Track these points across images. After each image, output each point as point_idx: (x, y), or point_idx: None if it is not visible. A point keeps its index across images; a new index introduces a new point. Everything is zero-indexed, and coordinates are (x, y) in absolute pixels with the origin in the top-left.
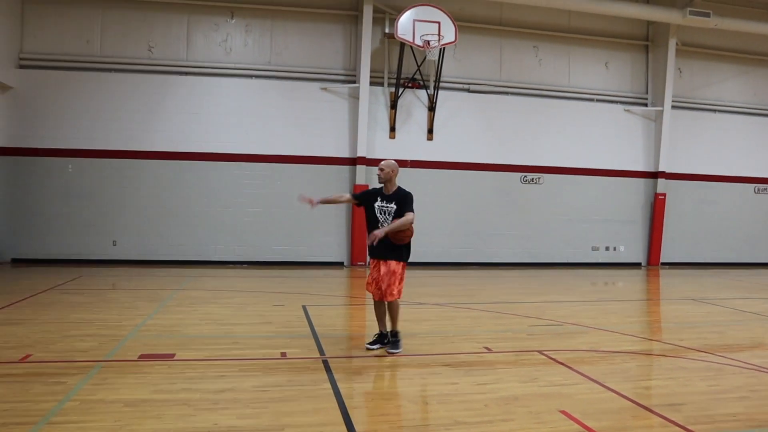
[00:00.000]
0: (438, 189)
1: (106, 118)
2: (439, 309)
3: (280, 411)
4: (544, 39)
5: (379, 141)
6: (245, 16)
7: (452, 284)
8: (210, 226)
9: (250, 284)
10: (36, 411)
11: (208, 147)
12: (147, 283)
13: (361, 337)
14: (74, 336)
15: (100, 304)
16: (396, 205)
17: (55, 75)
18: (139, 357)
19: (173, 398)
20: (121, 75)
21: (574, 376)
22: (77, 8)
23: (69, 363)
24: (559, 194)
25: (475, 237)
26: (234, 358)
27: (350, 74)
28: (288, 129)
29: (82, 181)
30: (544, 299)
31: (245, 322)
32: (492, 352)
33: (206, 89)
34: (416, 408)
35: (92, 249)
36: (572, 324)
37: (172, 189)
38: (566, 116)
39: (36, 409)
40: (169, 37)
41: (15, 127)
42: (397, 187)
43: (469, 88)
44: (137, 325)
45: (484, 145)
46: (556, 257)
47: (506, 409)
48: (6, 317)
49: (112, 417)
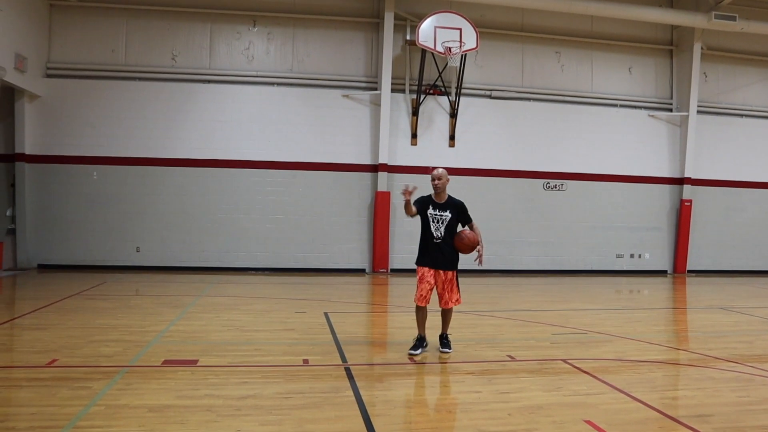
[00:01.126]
0: (460, 196)
1: (130, 125)
2: (462, 316)
3: (303, 418)
4: (566, 44)
5: (401, 148)
6: (267, 24)
7: (475, 291)
8: (232, 233)
9: (271, 291)
10: (62, 415)
11: (230, 154)
12: (170, 289)
13: (383, 344)
14: (99, 341)
15: (124, 309)
16: (451, 214)
17: (81, 84)
18: (163, 363)
19: (196, 404)
20: (145, 83)
21: (598, 386)
22: (103, 18)
23: (94, 368)
24: (583, 201)
25: (497, 244)
26: (256, 364)
27: (372, 81)
28: (310, 136)
29: (106, 188)
30: (568, 307)
31: (267, 329)
32: (515, 360)
33: (229, 97)
34: (439, 416)
35: (116, 255)
36: (597, 332)
37: (195, 196)
38: (589, 122)
39: (62, 413)
40: (192, 45)
41: (42, 135)
42: (448, 195)
43: (491, 94)
44: (161, 331)
45: (507, 152)
46: (580, 264)
47: (530, 418)
48: (32, 322)
49: (136, 422)
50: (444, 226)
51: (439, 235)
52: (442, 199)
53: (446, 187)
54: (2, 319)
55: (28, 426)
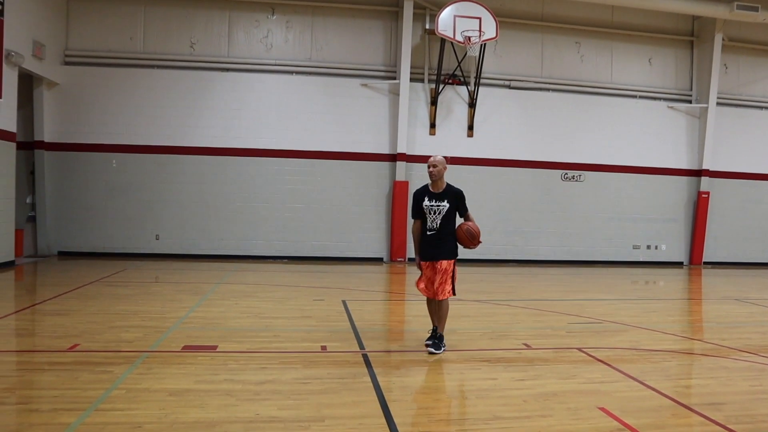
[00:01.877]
0: (478, 186)
1: (149, 113)
2: (479, 305)
3: (321, 403)
4: (586, 35)
5: (420, 137)
6: (286, 13)
7: (492, 281)
8: (251, 222)
9: (290, 279)
10: (84, 398)
11: (249, 143)
12: (189, 276)
13: (400, 332)
14: (120, 327)
15: (144, 296)
16: (449, 203)
17: (99, 71)
18: (183, 348)
19: (216, 388)
20: (164, 71)
21: (613, 374)
22: (121, 5)
23: (115, 353)
24: (600, 192)
25: (515, 234)
26: (275, 350)
27: (390, 70)
28: (328, 125)
29: (125, 176)
30: (584, 297)
31: (286, 316)
32: (531, 348)
33: (247, 85)
34: (455, 402)
35: (136, 243)
36: (612, 322)
37: (213, 184)
38: (608, 113)
39: (84, 396)
40: (211, 33)
41: (61, 122)
42: (446, 184)
43: (510, 84)
44: (180, 317)
45: (525, 142)
46: (596, 255)
47: (544, 405)
48: (54, 308)
49: (157, 405)
50: (441, 217)
51: (435, 226)
52: (438, 188)
53: (443, 175)
54: (24, 304)
55: (51, 408)
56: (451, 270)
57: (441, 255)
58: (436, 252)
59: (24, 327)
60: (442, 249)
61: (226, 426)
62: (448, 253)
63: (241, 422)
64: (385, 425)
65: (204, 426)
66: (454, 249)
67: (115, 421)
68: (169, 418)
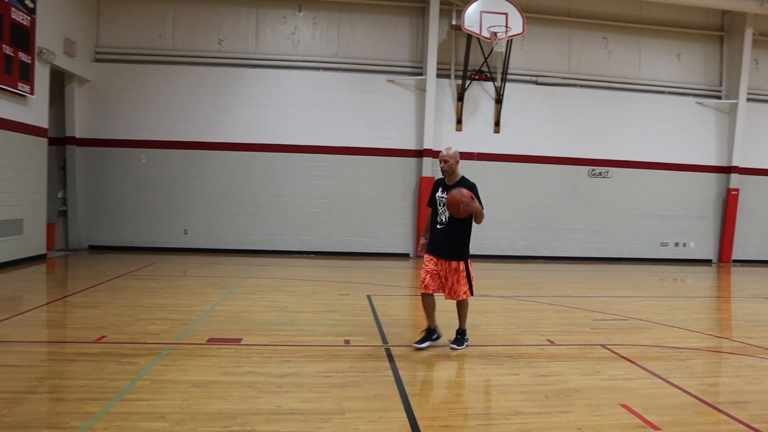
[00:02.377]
0: (505, 182)
1: (177, 109)
2: (504, 301)
3: (342, 396)
4: (613, 30)
5: (446, 133)
6: (313, 9)
7: (518, 277)
8: (277, 217)
9: (316, 273)
10: (110, 388)
11: (276, 138)
12: (216, 270)
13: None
14: (146, 319)
15: (171, 290)
16: None
17: (129, 68)
18: (207, 341)
19: (239, 381)
20: (192, 68)
21: (636, 371)
22: (150, 3)
23: (141, 345)
24: (628, 188)
25: (542, 231)
26: (298, 344)
27: (417, 66)
28: (355, 121)
29: (154, 171)
30: (610, 294)
31: (310, 310)
32: (554, 345)
33: (274, 81)
34: (476, 397)
35: (164, 237)
36: (638, 319)
37: (241, 180)
38: (636, 109)
39: (110, 386)
40: (239, 30)
41: (91, 118)
42: (460, 177)
43: (537, 80)
44: (206, 310)
45: (552, 138)
46: (623, 252)
47: (566, 401)
48: (83, 300)
49: (180, 396)
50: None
51: (444, 219)
52: (452, 181)
53: (455, 169)
54: (55, 297)
55: (77, 398)
56: (464, 270)
57: (449, 254)
58: (443, 249)
59: (55, 318)
60: (450, 248)
61: (247, 417)
62: (457, 253)
63: (262, 414)
64: (405, 419)
65: (226, 417)
66: (462, 250)
67: (139, 411)
68: (191, 409)
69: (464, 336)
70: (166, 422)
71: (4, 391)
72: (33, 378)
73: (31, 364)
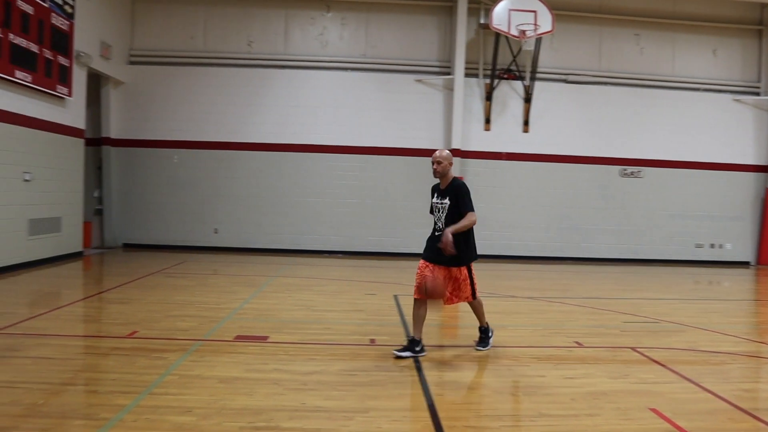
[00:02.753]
0: (534, 182)
1: (208, 110)
2: (532, 302)
3: (366, 394)
4: (646, 26)
5: (474, 133)
6: (341, 10)
7: (546, 278)
8: (306, 217)
9: (343, 273)
10: (140, 382)
11: (304, 138)
12: (245, 269)
13: (450, 327)
14: (176, 316)
15: (201, 287)
16: (450, 200)
17: (161, 70)
18: (235, 338)
19: (264, 377)
20: (222, 69)
21: (667, 375)
22: (182, 6)
23: (170, 340)
24: (661, 188)
25: (571, 231)
26: (324, 342)
27: (445, 66)
28: (383, 121)
29: (186, 171)
30: (642, 296)
31: (337, 309)
32: (582, 347)
33: (303, 82)
34: (502, 398)
35: (195, 236)
36: (670, 322)
37: (270, 179)
38: (669, 107)
39: (140, 380)
40: (268, 31)
41: (126, 119)
42: (452, 178)
43: (567, 78)
44: (234, 308)
45: (582, 138)
46: (656, 254)
47: (593, 404)
48: (117, 297)
49: (207, 391)
50: (445, 215)
51: (440, 225)
52: (444, 184)
53: (447, 171)
54: (91, 292)
55: (108, 390)
56: (464, 277)
57: (448, 260)
58: (439, 256)
59: (90, 313)
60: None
61: (272, 414)
62: (459, 258)
63: (286, 410)
64: (428, 419)
65: (251, 413)
66: (463, 255)
67: (167, 405)
68: (218, 404)
69: (488, 334)
70: (193, 416)
71: (43, 382)
72: (69, 370)
73: (67, 356)
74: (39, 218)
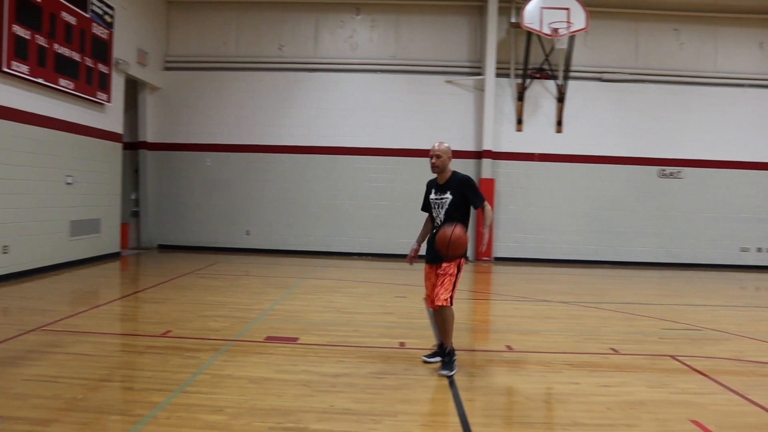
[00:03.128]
0: (568, 183)
1: (240, 114)
2: (565, 307)
3: (395, 398)
4: (686, 20)
5: (506, 134)
6: (371, 12)
7: (581, 282)
8: (336, 219)
9: (373, 275)
10: (173, 380)
11: (334, 141)
12: (276, 270)
13: (482, 332)
14: (208, 316)
15: (233, 288)
16: (451, 195)
17: (195, 75)
18: (265, 339)
19: (294, 379)
20: (254, 73)
21: (710, 385)
22: (215, 12)
23: (203, 340)
24: (703, 189)
25: (607, 234)
26: (353, 345)
27: (475, 66)
28: (412, 122)
29: (219, 173)
30: (682, 302)
31: (366, 312)
32: (619, 354)
33: (333, 85)
34: (533, 405)
35: (228, 238)
36: (713, 330)
37: (300, 182)
38: (711, 104)
39: (173, 378)
40: (298, 35)
41: (162, 124)
42: (451, 173)
43: (602, 76)
44: (265, 309)
45: (618, 137)
46: (699, 258)
47: (630, 413)
48: (151, 296)
49: (237, 391)
50: (444, 211)
51: (439, 222)
52: (442, 179)
53: (447, 165)
54: (127, 292)
55: (143, 387)
56: (452, 272)
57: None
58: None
59: (126, 312)
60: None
61: (300, 415)
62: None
63: (315, 412)
64: (458, 424)
65: (280, 413)
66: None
67: (199, 403)
68: (248, 404)
69: (452, 357)
70: (224, 415)
71: (82, 378)
72: (106, 367)
73: (104, 354)
74: (80, 220)
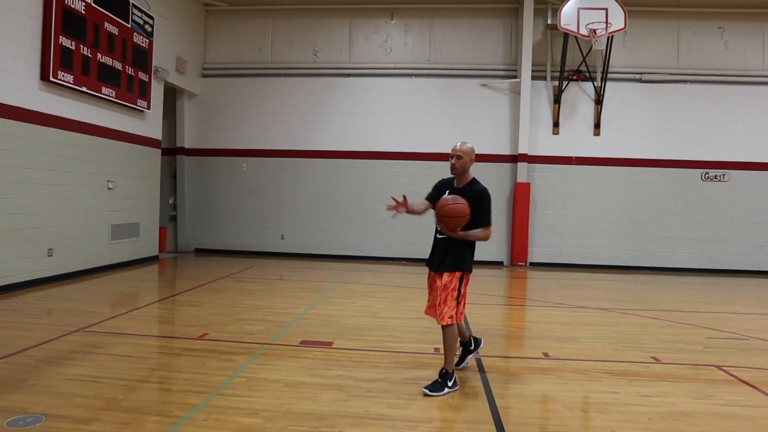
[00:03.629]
0: (606, 187)
1: (275, 119)
2: (603, 314)
3: (430, 404)
4: (730, 18)
5: (542, 137)
6: (405, 16)
7: (619, 289)
8: (370, 223)
9: (407, 280)
10: (210, 383)
11: (368, 145)
12: (311, 275)
13: (517, 338)
14: (244, 320)
15: (268, 292)
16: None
17: (232, 82)
18: (300, 343)
19: (328, 383)
20: (289, 79)
21: (759, 398)
22: (250, 19)
23: (239, 343)
24: (749, 193)
25: (647, 239)
26: (388, 350)
27: (511, 69)
28: (447, 126)
29: (254, 179)
30: (728, 310)
31: (401, 317)
32: (660, 363)
33: (367, 89)
34: (571, 414)
35: (263, 242)
36: (761, 339)
37: (334, 186)
38: (758, 104)
39: (210, 381)
40: (333, 41)
41: (199, 130)
42: (471, 179)
43: (641, 77)
44: (300, 313)
45: (658, 140)
46: (744, 264)
47: (673, 425)
48: (189, 300)
49: (273, 395)
50: None
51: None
52: (460, 183)
53: (468, 168)
54: (165, 295)
55: (181, 389)
56: (453, 287)
57: (443, 266)
58: (439, 261)
59: (164, 315)
60: (446, 258)
61: (335, 419)
62: (451, 264)
63: (350, 417)
64: (494, 431)
65: (314, 418)
66: (460, 259)
67: (235, 406)
68: (283, 408)
69: (446, 380)
70: (260, 419)
71: (122, 378)
72: (145, 368)
73: (143, 355)
74: (120, 224)
